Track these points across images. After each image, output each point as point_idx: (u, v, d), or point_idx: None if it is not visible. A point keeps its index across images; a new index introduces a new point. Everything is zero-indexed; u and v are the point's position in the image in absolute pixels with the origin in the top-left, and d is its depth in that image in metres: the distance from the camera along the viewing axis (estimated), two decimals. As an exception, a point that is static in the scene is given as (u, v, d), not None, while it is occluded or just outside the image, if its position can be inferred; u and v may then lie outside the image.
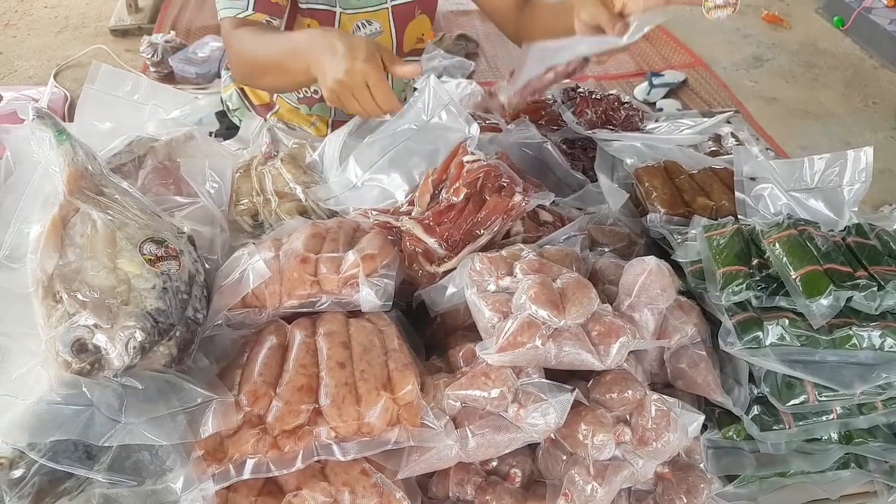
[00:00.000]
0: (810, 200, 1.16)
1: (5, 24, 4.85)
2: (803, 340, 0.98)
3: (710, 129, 1.69)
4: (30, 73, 4.33)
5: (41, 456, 0.81)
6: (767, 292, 1.01)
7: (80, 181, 1.03)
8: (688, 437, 0.95)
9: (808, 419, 1.01)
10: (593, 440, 0.92)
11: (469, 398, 0.94)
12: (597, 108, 1.55)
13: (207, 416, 0.86)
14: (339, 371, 0.93)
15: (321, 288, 1.05)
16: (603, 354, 0.95)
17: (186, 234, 1.07)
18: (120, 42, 4.65)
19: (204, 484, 0.83)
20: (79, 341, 0.86)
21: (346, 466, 0.90)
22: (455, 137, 1.34)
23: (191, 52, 4.01)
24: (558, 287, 0.99)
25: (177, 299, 0.96)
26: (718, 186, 1.26)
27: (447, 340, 1.12)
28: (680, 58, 4.44)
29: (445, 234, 1.17)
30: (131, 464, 0.84)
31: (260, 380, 0.91)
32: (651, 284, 0.99)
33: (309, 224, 1.19)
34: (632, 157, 1.37)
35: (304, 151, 1.51)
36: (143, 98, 1.39)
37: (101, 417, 0.82)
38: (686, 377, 1.03)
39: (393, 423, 0.92)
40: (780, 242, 1.03)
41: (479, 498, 0.96)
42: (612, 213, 1.25)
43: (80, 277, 0.92)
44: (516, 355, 0.94)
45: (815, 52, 4.72)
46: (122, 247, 0.97)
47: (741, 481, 1.04)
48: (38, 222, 0.97)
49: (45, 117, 1.01)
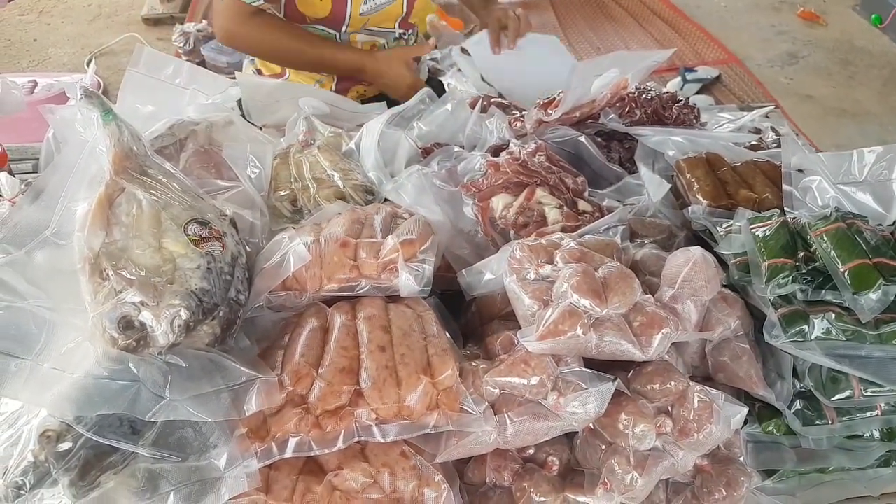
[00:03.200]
0: (858, 194, 1.14)
1: (40, 12, 4.93)
2: (849, 335, 0.96)
3: (750, 123, 1.68)
4: (63, 59, 4.40)
5: (87, 430, 0.82)
6: (813, 286, 1.00)
7: (125, 161, 1.04)
8: (730, 430, 0.94)
9: (852, 415, 0.99)
10: (634, 430, 0.92)
11: (508, 385, 0.94)
12: (646, 107, 1.53)
13: (251, 395, 0.87)
14: (380, 354, 0.94)
15: (360, 272, 1.06)
16: (645, 345, 0.94)
17: (229, 217, 1.08)
18: (152, 31, 4.71)
19: (247, 461, 0.83)
20: (125, 318, 0.87)
21: (386, 448, 0.90)
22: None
23: (223, 42, 4.03)
24: (600, 277, 0.98)
25: (220, 280, 0.97)
26: (761, 179, 1.24)
27: (483, 329, 1.12)
28: (713, 54, 4.39)
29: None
30: (175, 440, 0.85)
31: (302, 360, 0.92)
32: (695, 275, 0.98)
33: (348, 209, 1.20)
34: (672, 149, 1.35)
35: (340, 140, 1.52)
36: (183, 82, 1.40)
37: (146, 393, 0.83)
38: (728, 370, 1.01)
39: (432, 408, 0.92)
40: (827, 235, 1.01)
41: (517, 484, 0.96)
42: (653, 205, 1.24)
43: (126, 256, 0.93)
44: (557, 343, 0.93)
45: (851, 50, 4.65)
46: (166, 227, 0.97)
47: (780, 476, 1.03)
48: (84, 200, 0.98)
49: (92, 97, 1.02)
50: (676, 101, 1.60)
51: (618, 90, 1.52)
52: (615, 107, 1.54)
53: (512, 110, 1.68)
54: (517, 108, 1.69)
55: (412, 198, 1.23)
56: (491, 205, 1.26)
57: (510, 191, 1.27)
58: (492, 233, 1.24)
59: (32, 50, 4.50)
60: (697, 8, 5.09)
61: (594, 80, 1.50)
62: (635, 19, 4.96)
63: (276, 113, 1.64)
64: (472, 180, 1.31)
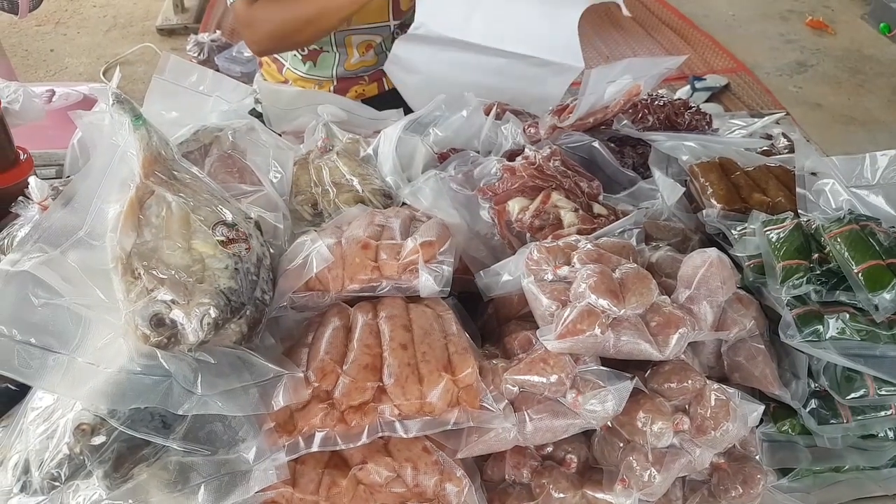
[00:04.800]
0: (871, 197, 1.16)
1: (56, 23, 5.00)
2: (864, 335, 0.98)
3: (761, 129, 1.70)
4: (80, 70, 4.46)
5: (121, 423, 0.85)
6: (828, 287, 1.02)
7: (154, 165, 1.07)
8: (746, 427, 0.96)
9: (867, 414, 1.01)
10: (652, 428, 0.94)
11: (527, 383, 0.96)
12: (659, 113, 1.55)
13: (278, 390, 0.89)
14: (402, 352, 0.96)
15: (382, 273, 1.08)
16: (662, 345, 0.96)
17: (254, 220, 1.11)
18: (166, 41, 4.77)
19: (276, 454, 0.86)
20: (157, 316, 0.90)
21: (409, 443, 0.93)
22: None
23: (235, 52, 4.09)
24: (618, 277, 1.00)
25: (247, 280, 0.99)
26: (774, 183, 1.26)
27: (501, 329, 1.14)
28: (722, 62, 4.41)
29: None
30: (205, 434, 0.88)
31: (327, 357, 0.94)
32: (711, 276, 1.00)
33: (368, 212, 1.23)
34: (686, 154, 1.37)
35: (357, 146, 1.55)
36: (207, 89, 1.43)
37: (178, 388, 0.85)
38: (743, 370, 1.03)
39: (453, 405, 0.94)
40: (841, 237, 1.03)
41: (536, 481, 0.97)
42: (667, 209, 1.26)
43: (157, 256, 0.96)
44: (575, 342, 0.95)
45: (860, 59, 4.66)
46: (195, 228, 1.00)
47: (796, 475, 1.04)
48: (116, 202, 1.00)
49: (123, 102, 1.05)
50: (689, 107, 1.62)
51: (630, 96, 1.54)
52: (628, 113, 1.56)
53: (526, 117, 1.70)
54: (530, 115, 1.72)
55: (429, 201, 1.26)
56: (507, 208, 1.28)
57: (526, 194, 1.30)
58: (508, 235, 1.26)
59: (49, 60, 4.57)
60: (706, 17, 5.12)
61: (607, 87, 1.53)
62: (644, 28, 4.98)
63: (295, 120, 1.67)
64: (488, 184, 1.33)
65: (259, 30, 1.67)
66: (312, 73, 1.90)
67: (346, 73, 1.91)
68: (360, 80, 1.93)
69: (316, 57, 1.88)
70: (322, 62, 1.88)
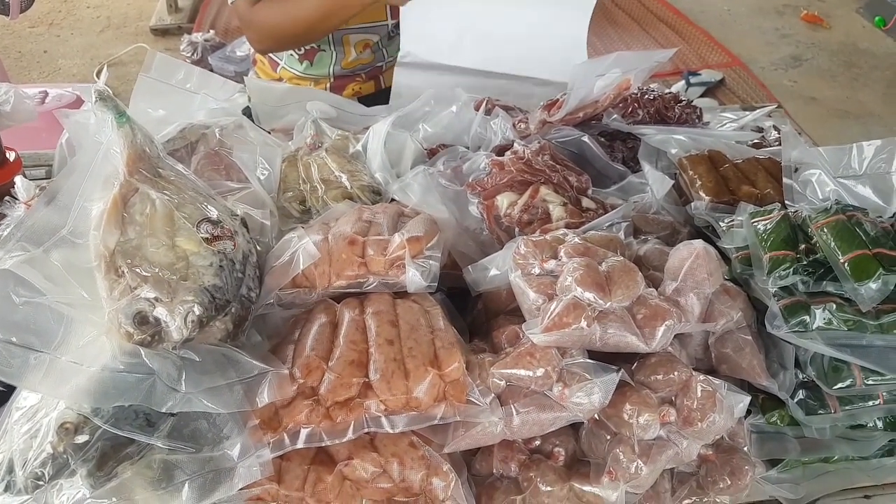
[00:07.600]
0: (858, 187, 1.15)
1: (50, 24, 4.99)
2: (850, 325, 0.98)
3: (752, 122, 1.69)
4: (73, 70, 4.46)
5: (104, 422, 0.84)
6: (814, 277, 1.01)
7: (138, 163, 1.06)
8: (733, 418, 0.95)
9: (854, 404, 1.00)
10: (638, 420, 0.93)
11: (514, 377, 0.96)
12: (649, 107, 1.55)
13: (263, 387, 0.89)
14: (388, 347, 0.96)
15: (368, 269, 1.08)
16: (648, 337, 0.96)
17: (240, 217, 1.11)
18: (160, 41, 4.77)
19: (260, 451, 0.86)
20: (140, 314, 0.89)
21: (395, 439, 0.92)
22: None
23: (229, 51, 4.09)
24: (604, 270, 1.00)
25: (232, 277, 0.99)
26: (763, 175, 1.26)
27: (490, 324, 1.14)
28: (717, 57, 4.41)
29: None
30: (189, 431, 0.88)
31: (313, 354, 0.94)
32: (697, 268, 1.00)
33: (355, 208, 1.23)
34: (675, 147, 1.37)
35: (347, 143, 1.54)
36: (194, 87, 1.42)
37: (161, 386, 0.85)
38: (731, 361, 1.03)
39: (440, 399, 0.94)
40: (828, 227, 1.03)
41: (524, 475, 0.97)
42: (656, 202, 1.26)
43: (141, 254, 0.95)
44: (562, 335, 0.95)
45: (855, 52, 4.66)
46: (180, 225, 1.00)
47: (784, 466, 1.04)
48: (99, 200, 1.00)
49: (107, 99, 1.04)
50: (679, 100, 1.61)
51: (620, 91, 1.54)
52: (618, 107, 1.56)
53: (516, 112, 1.70)
54: (520, 110, 1.72)
55: (418, 197, 1.25)
56: (496, 203, 1.28)
57: (515, 189, 1.29)
58: (497, 230, 1.26)
59: (42, 61, 4.57)
60: (701, 12, 5.11)
61: (597, 81, 1.52)
62: (639, 24, 4.98)
63: (285, 117, 1.67)
64: (477, 179, 1.33)
65: (261, 29, 1.67)
66: (309, 71, 1.90)
67: (343, 72, 1.91)
68: (356, 78, 1.92)
69: (313, 56, 1.87)
70: (319, 61, 1.88)
